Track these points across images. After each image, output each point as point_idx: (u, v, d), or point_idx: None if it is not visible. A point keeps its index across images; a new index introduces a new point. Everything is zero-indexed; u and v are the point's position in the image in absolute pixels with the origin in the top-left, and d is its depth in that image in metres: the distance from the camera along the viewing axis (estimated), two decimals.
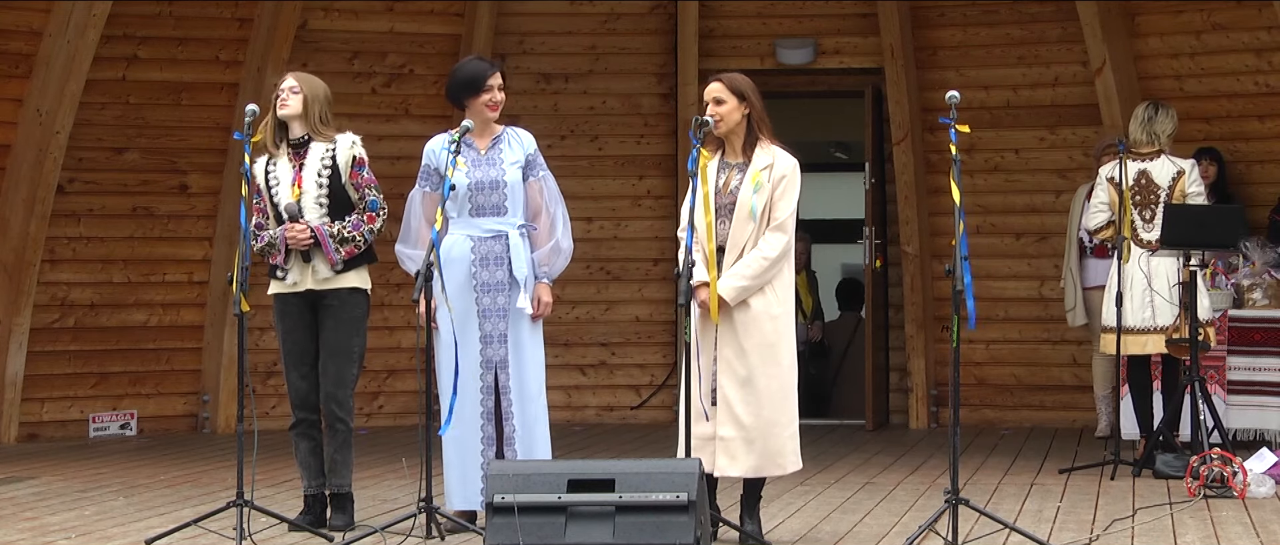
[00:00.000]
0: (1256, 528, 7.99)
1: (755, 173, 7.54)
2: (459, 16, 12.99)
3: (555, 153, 11.57)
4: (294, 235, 7.89)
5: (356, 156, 8.02)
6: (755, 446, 7.47)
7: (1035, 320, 12.87)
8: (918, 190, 12.88)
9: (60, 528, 8.21)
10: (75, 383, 12.10)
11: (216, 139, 12.29)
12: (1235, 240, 9.85)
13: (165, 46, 12.19)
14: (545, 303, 7.98)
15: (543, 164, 8.11)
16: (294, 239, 7.89)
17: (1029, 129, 12.88)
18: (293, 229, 7.89)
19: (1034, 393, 12.88)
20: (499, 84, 8.05)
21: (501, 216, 7.97)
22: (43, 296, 11.89)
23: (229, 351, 12.25)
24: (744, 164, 7.58)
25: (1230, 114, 12.11)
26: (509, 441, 7.92)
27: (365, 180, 8.04)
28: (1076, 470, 10.03)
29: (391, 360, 12.80)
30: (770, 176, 7.55)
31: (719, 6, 13.17)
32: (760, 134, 7.63)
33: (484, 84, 8.01)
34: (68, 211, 11.98)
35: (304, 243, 7.90)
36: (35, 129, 11.55)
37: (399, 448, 10.66)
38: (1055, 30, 12.68)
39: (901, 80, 12.80)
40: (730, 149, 7.64)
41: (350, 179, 8.01)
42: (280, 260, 7.95)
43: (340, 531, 7.89)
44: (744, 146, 7.60)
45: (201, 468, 10.47)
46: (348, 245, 7.96)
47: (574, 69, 13.28)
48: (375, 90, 12.86)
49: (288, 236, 7.89)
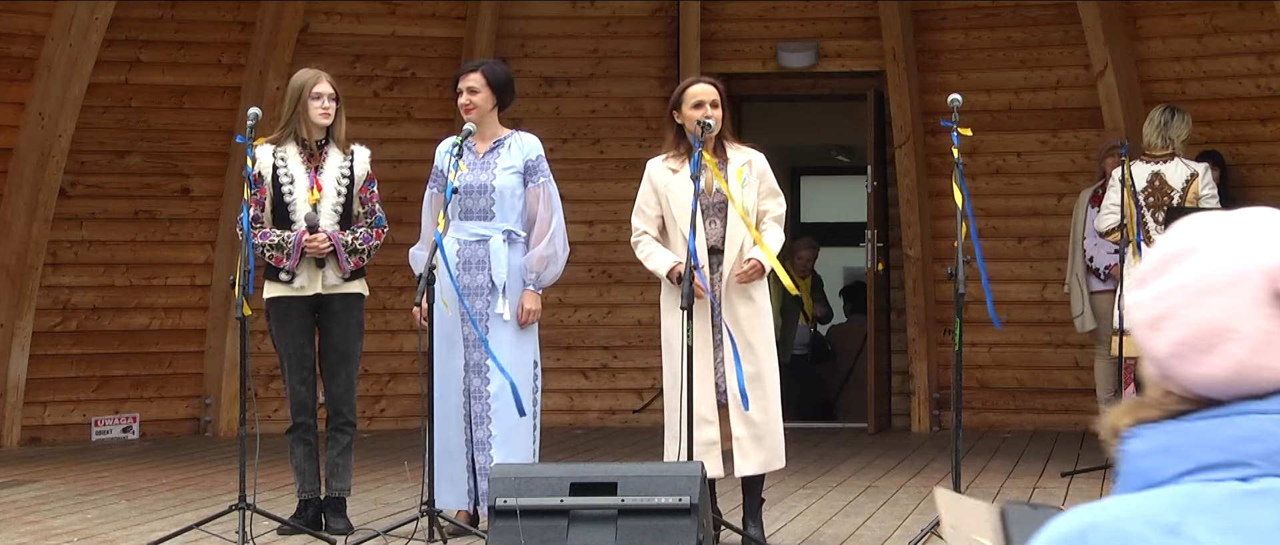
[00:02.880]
0: None
1: (738, 170, 7.60)
2: (461, 20, 12.99)
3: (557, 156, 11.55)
4: (316, 245, 7.90)
5: (370, 172, 8.08)
6: (764, 442, 7.52)
7: (1037, 323, 12.86)
8: (920, 193, 12.88)
9: (62, 531, 8.20)
10: (77, 386, 12.10)
11: (218, 142, 12.29)
12: None
13: (167, 50, 12.19)
14: (529, 310, 7.94)
15: (546, 171, 8.10)
16: (315, 248, 7.90)
17: (1031, 132, 12.88)
18: (315, 239, 7.89)
19: (1036, 396, 12.87)
20: (469, 85, 8.02)
21: (487, 221, 7.97)
22: (45, 300, 11.89)
23: (231, 355, 12.25)
24: (722, 163, 7.62)
25: (1232, 117, 12.10)
26: (481, 447, 7.88)
27: (374, 195, 8.09)
28: (1079, 473, 10.03)
29: (393, 363, 12.80)
30: (753, 172, 7.62)
31: (721, 9, 13.17)
32: (728, 135, 7.74)
33: (454, 85, 8.08)
34: (70, 215, 11.98)
35: (323, 252, 7.92)
36: (37, 132, 11.55)
37: (401, 451, 10.65)
38: (1057, 33, 12.68)
39: (903, 83, 12.80)
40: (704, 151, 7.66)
41: (360, 193, 8.04)
42: (290, 264, 7.95)
43: (342, 535, 7.88)
44: (715, 149, 7.65)
45: (203, 471, 10.46)
46: (356, 256, 7.99)
47: (576, 72, 13.28)
48: (377, 94, 12.86)
49: (308, 245, 7.89)
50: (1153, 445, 1.89)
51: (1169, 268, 1.93)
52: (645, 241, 7.64)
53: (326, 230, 7.94)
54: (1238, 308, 1.89)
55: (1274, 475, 1.83)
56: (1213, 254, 1.92)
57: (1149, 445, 1.89)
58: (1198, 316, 1.89)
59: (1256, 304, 1.89)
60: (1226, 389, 1.88)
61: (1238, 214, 1.96)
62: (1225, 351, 1.88)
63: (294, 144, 8.04)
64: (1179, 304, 1.91)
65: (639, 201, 7.71)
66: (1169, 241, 1.97)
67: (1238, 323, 1.88)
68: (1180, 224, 1.98)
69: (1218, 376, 1.88)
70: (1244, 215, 1.96)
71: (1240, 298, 1.89)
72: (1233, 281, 1.90)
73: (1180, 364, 1.90)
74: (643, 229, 7.65)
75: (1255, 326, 1.88)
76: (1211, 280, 1.90)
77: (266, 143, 8.04)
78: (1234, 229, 1.93)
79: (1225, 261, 1.91)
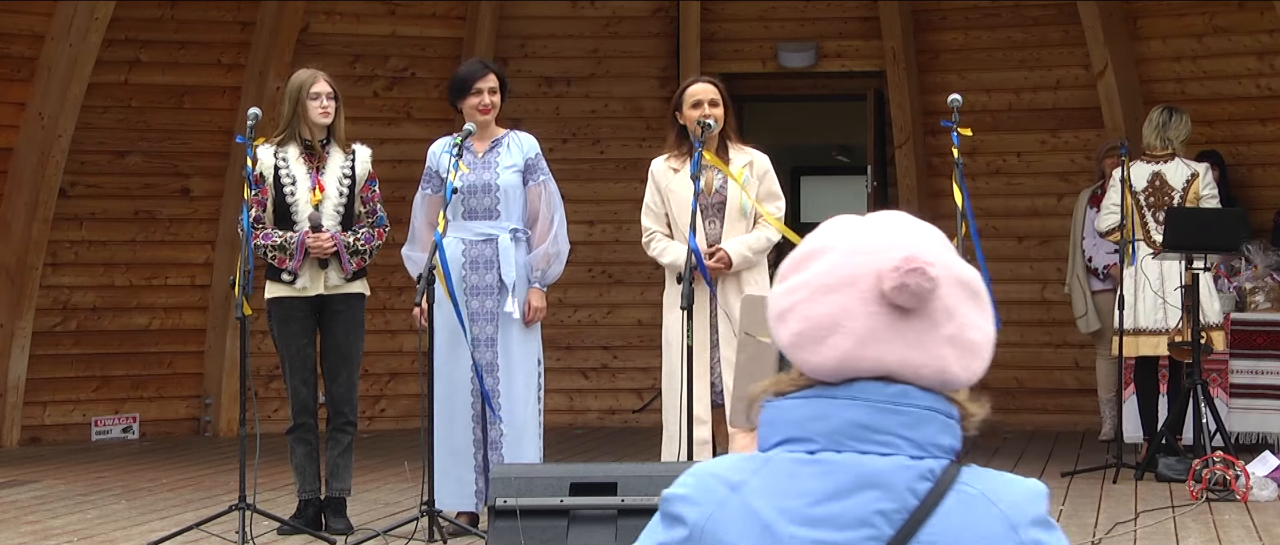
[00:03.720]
0: (1259, 531, 7.99)
1: (739, 171, 7.60)
2: (461, 20, 12.99)
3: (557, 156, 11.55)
4: (319, 245, 7.89)
5: (371, 171, 8.08)
6: None
7: (1037, 323, 12.86)
8: (919, 193, 12.87)
9: (62, 531, 8.20)
10: (77, 386, 12.10)
11: (218, 142, 12.29)
12: (1237, 243, 9.84)
13: (167, 50, 12.19)
14: (536, 308, 7.96)
15: (545, 169, 8.11)
16: (318, 248, 7.89)
17: (1031, 132, 12.87)
18: (318, 239, 7.89)
19: (1036, 396, 12.87)
20: (490, 87, 8.02)
21: (493, 220, 7.97)
22: (45, 300, 11.89)
23: (231, 355, 12.25)
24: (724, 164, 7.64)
25: (1232, 117, 12.10)
26: (495, 445, 7.89)
27: (375, 195, 8.09)
28: (1079, 473, 10.03)
29: (393, 363, 12.80)
30: (753, 173, 7.63)
31: (721, 9, 13.17)
32: (731, 135, 7.73)
33: (472, 86, 8.02)
34: (70, 215, 11.98)
35: (326, 252, 7.91)
36: (37, 133, 11.55)
37: (401, 451, 10.66)
38: (1057, 33, 12.68)
39: (903, 83, 12.80)
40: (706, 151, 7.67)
41: (362, 192, 8.04)
42: (293, 265, 7.94)
43: (342, 535, 7.88)
44: (718, 148, 7.65)
45: (203, 471, 10.47)
46: (358, 257, 7.99)
47: (576, 72, 13.28)
48: (377, 94, 12.86)
49: (311, 245, 7.88)
50: (766, 417, 2.17)
51: (802, 267, 2.16)
52: (657, 239, 7.67)
53: (329, 230, 7.94)
54: (849, 305, 2.11)
55: (833, 450, 2.11)
56: (836, 255, 2.13)
57: (765, 417, 2.17)
58: (815, 311, 2.12)
59: (865, 302, 2.10)
60: (833, 375, 2.12)
61: (869, 218, 2.18)
62: (833, 343, 2.11)
63: (295, 145, 8.03)
64: (801, 300, 2.13)
65: (647, 201, 7.74)
66: (808, 242, 2.18)
67: (847, 319, 2.10)
68: (821, 226, 2.19)
69: (825, 365, 2.12)
70: (872, 220, 2.17)
71: (852, 296, 2.11)
72: (848, 281, 2.11)
73: (798, 352, 2.13)
74: (653, 228, 7.68)
75: (862, 323, 2.10)
76: (830, 279, 2.12)
77: (267, 144, 8.03)
78: (858, 233, 2.15)
79: (845, 263, 2.12)
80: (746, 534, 2.10)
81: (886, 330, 2.11)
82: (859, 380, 2.12)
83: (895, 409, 2.12)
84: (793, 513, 2.10)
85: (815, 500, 2.09)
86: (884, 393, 2.12)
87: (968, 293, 2.15)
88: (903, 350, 2.11)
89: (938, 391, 2.14)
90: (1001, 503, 2.14)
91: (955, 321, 2.13)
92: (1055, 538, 2.15)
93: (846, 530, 2.09)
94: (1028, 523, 2.13)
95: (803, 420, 2.13)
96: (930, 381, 2.13)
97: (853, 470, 2.10)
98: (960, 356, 2.14)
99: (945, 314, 2.13)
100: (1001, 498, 2.14)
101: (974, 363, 2.15)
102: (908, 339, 2.11)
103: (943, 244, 2.17)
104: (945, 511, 2.11)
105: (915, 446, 2.12)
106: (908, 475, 2.10)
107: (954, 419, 2.16)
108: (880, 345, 2.11)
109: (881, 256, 2.11)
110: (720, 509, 2.12)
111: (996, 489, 2.15)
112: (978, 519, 2.12)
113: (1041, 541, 2.13)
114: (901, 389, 2.12)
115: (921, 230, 2.17)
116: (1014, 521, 2.13)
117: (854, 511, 2.09)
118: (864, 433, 2.11)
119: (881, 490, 2.09)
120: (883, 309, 2.11)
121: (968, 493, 2.13)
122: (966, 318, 2.15)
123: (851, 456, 2.10)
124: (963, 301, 2.15)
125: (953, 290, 2.14)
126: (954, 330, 2.13)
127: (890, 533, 2.09)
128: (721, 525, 2.11)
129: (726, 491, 2.12)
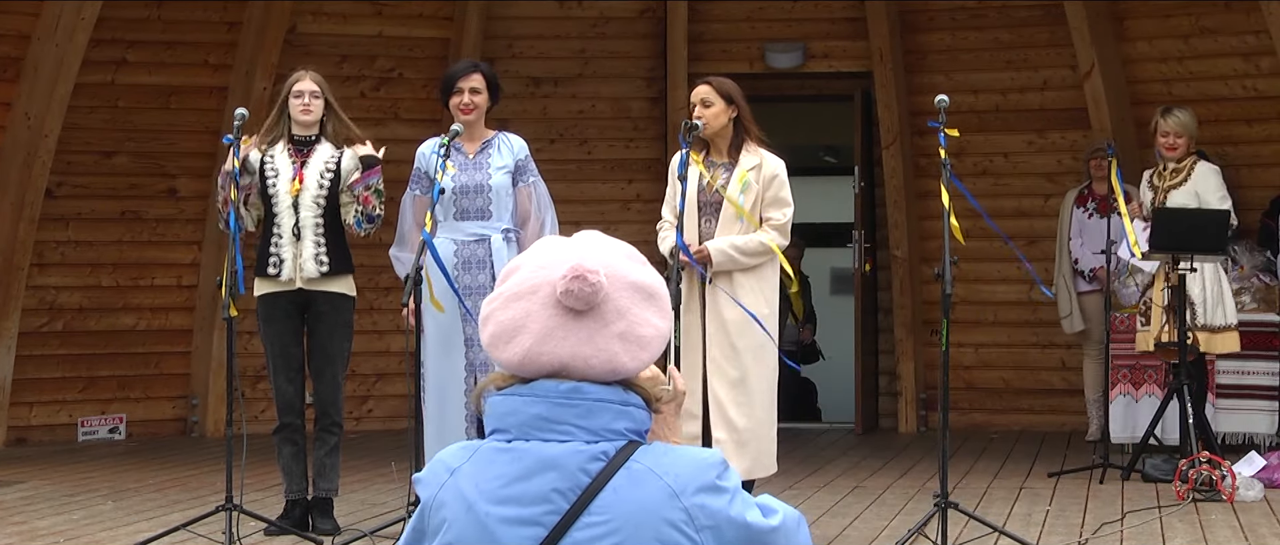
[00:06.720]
0: (1245, 531, 8.00)
1: (743, 173, 7.60)
2: (448, 20, 12.99)
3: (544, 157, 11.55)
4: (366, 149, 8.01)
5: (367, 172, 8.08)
6: (748, 449, 7.48)
7: (1024, 324, 12.87)
8: (907, 194, 12.89)
9: (48, 532, 8.19)
10: (64, 386, 12.08)
11: (205, 142, 12.27)
12: (1224, 245, 9.86)
13: (154, 50, 12.18)
14: None
15: (534, 169, 8.11)
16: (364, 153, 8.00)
17: (1018, 133, 12.89)
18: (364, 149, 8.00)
19: (1023, 396, 12.89)
20: (471, 86, 8.02)
21: (485, 221, 7.97)
22: (31, 300, 11.87)
23: (218, 355, 12.23)
24: (730, 165, 7.64)
25: (1219, 117, 12.11)
26: None
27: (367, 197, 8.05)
28: (1065, 474, 10.04)
29: (380, 364, 12.79)
30: (759, 177, 7.61)
31: (708, 10, 13.17)
32: (747, 137, 7.68)
33: (454, 86, 8.03)
34: (56, 215, 11.96)
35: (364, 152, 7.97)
36: (24, 133, 11.53)
37: (388, 452, 10.65)
38: (1044, 34, 12.69)
39: (890, 84, 12.81)
40: (715, 150, 7.69)
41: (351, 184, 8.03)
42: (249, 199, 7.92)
43: (329, 535, 7.88)
44: (730, 148, 7.65)
45: (190, 472, 10.45)
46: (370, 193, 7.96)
47: (563, 73, 13.27)
48: (364, 94, 12.84)
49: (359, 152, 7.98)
50: (486, 409, 2.59)
51: (502, 282, 2.60)
52: (663, 227, 7.69)
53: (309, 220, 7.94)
54: (531, 309, 2.54)
55: (523, 439, 2.53)
56: (525, 271, 2.58)
57: (486, 409, 2.59)
58: (505, 316, 2.56)
59: (544, 306, 2.53)
60: (520, 368, 2.56)
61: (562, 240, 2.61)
62: (519, 341, 2.54)
63: (284, 141, 8.06)
64: (496, 308, 2.58)
65: (667, 192, 7.77)
66: (514, 261, 2.63)
67: (529, 320, 2.54)
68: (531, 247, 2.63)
69: (513, 359, 2.55)
70: (563, 240, 2.60)
71: (535, 302, 2.54)
72: (531, 290, 2.55)
73: (495, 350, 2.57)
74: (666, 218, 7.70)
75: (541, 323, 2.53)
76: (518, 289, 2.57)
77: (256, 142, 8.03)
78: (544, 251, 2.59)
79: (530, 276, 2.56)
80: (457, 510, 2.53)
81: (561, 329, 2.52)
82: (541, 379, 2.53)
83: (569, 403, 2.52)
84: (489, 493, 2.52)
85: (506, 482, 2.51)
86: (558, 390, 2.53)
87: (642, 295, 2.56)
88: (575, 345, 2.52)
89: (611, 382, 2.53)
90: (666, 475, 2.49)
91: (626, 319, 2.54)
92: (724, 500, 2.50)
93: (530, 506, 2.50)
94: (692, 490, 2.49)
95: (502, 414, 2.56)
96: (601, 370, 2.53)
97: (535, 455, 2.52)
98: (629, 349, 2.54)
99: (616, 313, 2.53)
100: (667, 471, 2.50)
101: (642, 354, 2.55)
102: (580, 336, 2.52)
103: (623, 256, 2.58)
104: (614, 487, 2.48)
105: (589, 433, 2.51)
106: (580, 458, 2.50)
107: (632, 406, 2.54)
108: (555, 341, 2.52)
109: (555, 268, 2.54)
110: (442, 490, 2.56)
111: (663, 463, 2.51)
112: (642, 491, 2.48)
113: (706, 505, 2.49)
114: (574, 386, 2.53)
115: (603, 246, 2.58)
116: (676, 490, 2.48)
117: (535, 490, 2.50)
118: (545, 424, 2.52)
119: (557, 472, 2.50)
120: (558, 311, 2.53)
121: (635, 469, 2.50)
122: (637, 316, 2.55)
123: (536, 444, 2.52)
124: (636, 303, 2.55)
125: (624, 293, 2.54)
126: (624, 327, 2.54)
127: (566, 507, 2.48)
128: (442, 504, 2.56)
129: (447, 474, 2.57)
